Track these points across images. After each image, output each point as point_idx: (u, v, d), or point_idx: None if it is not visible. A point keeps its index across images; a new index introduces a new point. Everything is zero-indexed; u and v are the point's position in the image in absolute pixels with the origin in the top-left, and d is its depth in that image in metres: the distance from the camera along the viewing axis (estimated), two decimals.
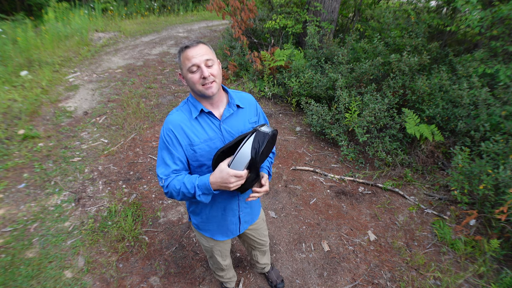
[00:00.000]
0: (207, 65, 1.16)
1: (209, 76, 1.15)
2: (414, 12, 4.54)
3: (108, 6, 10.10)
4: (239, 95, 1.37)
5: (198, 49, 1.15)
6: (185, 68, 1.17)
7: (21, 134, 3.62)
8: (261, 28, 5.67)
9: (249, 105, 1.37)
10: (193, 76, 1.16)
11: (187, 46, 1.16)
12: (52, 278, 2.13)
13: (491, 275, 2.22)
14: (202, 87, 1.17)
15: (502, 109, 2.79)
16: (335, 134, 3.48)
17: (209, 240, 1.59)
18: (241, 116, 1.33)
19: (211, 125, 1.27)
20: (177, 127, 1.24)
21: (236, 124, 1.31)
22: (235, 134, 1.30)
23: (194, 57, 1.14)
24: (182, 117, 1.25)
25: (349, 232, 2.58)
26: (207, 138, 1.26)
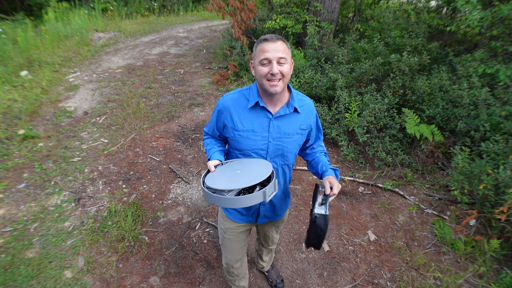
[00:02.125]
0: (279, 62, 1.16)
1: (277, 73, 1.15)
2: (414, 12, 4.54)
3: (108, 6, 10.10)
4: (301, 98, 1.35)
5: (275, 45, 1.15)
6: (257, 59, 1.18)
7: (21, 134, 3.62)
8: (261, 28, 5.67)
9: (307, 112, 1.35)
10: (263, 69, 1.17)
11: (266, 39, 1.16)
12: (52, 278, 2.13)
13: (491, 275, 2.22)
14: (268, 82, 1.18)
15: (502, 109, 2.79)
16: (335, 134, 3.48)
17: (225, 219, 1.57)
18: (295, 119, 1.32)
19: (262, 118, 1.28)
20: (226, 109, 1.31)
21: (286, 126, 1.30)
22: (281, 133, 1.30)
23: (269, 52, 1.15)
24: (237, 101, 1.30)
25: (349, 232, 2.58)
26: (251, 129, 1.28)
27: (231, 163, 1.28)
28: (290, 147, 1.34)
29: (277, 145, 1.31)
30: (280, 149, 1.32)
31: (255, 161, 1.26)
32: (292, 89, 1.33)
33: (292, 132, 1.32)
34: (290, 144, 1.33)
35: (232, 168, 1.22)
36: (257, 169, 1.16)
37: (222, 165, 1.29)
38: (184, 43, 7.57)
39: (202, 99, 4.67)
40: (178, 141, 3.70)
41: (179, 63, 6.19)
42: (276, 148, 1.32)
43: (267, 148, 1.31)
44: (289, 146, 1.33)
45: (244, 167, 1.20)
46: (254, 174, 1.11)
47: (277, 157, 1.35)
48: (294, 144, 1.34)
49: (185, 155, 3.46)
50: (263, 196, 1.07)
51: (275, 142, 1.30)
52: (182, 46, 7.32)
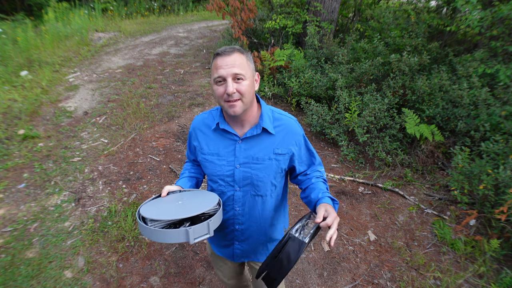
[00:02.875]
0: (235, 79, 1.01)
1: (233, 93, 1.00)
2: (414, 12, 4.54)
3: (108, 6, 10.10)
4: (278, 118, 1.15)
5: (229, 59, 1.00)
6: (212, 77, 1.04)
7: (21, 134, 3.62)
8: (261, 28, 5.67)
9: (285, 134, 1.14)
10: (218, 88, 1.02)
11: (219, 53, 1.02)
12: (52, 278, 2.13)
13: (491, 275, 2.22)
14: (225, 103, 1.03)
15: (502, 109, 2.79)
16: (335, 134, 3.48)
17: (209, 247, 1.45)
18: (267, 142, 1.13)
19: (227, 141, 1.14)
20: (195, 130, 1.22)
21: (256, 149, 1.12)
22: (249, 158, 1.12)
23: (222, 68, 1.00)
24: (204, 122, 1.19)
25: (349, 232, 2.58)
26: (216, 152, 1.16)
27: (185, 193, 1.13)
28: (261, 175, 1.13)
29: (245, 172, 1.13)
30: (249, 177, 1.14)
31: (206, 194, 1.10)
32: (263, 106, 1.15)
33: (263, 157, 1.12)
34: (260, 171, 1.13)
35: (181, 198, 1.08)
36: (199, 203, 1.02)
37: (177, 193, 1.14)
38: (184, 43, 7.57)
39: (202, 99, 4.67)
40: (178, 141, 3.70)
41: (179, 63, 6.19)
42: (245, 176, 1.14)
43: (234, 175, 1.14)
44: (259, 173, 1.13)
45: (190, 199, 1.06)
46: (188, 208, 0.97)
47: (247, 186, 1.16)
48: (266, 172, 1.13)
49: (185, 155, 3.46)
50: (185, 235, 0.89)
51: (242, 168, 1.13)
52: (182, 46, 7.32)
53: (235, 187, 1.16)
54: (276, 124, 1.14)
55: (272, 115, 1.15)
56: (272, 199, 1.22)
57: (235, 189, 1.16)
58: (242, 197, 1.17)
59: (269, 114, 1.14)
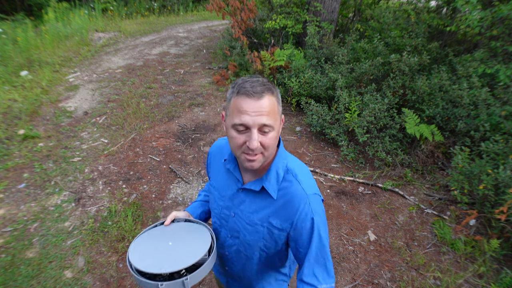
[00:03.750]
0: (262, 131, 0.80)
1: (257, 148, 0.80)
2: (414, 12, 4.54)
3: (108, 6, 10.10)
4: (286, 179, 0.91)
5: (258, 104, 0.78)
6: (230, 120, 0.82)
7: (21, 134, 3.62)
8: (261, 28, 5.67)
9: (287, 202, 0.90)
10: (237, 136, 0.82)
11: (246, 93, 0.78)
12: (52, 278, 2.13)
13: (491, 275, 2.22)
14: (243, 154, 0.84)
15: (502, 109, 2.80)
16: (335, 134, 3.48)
17: None
18: (263, 204, 0.93)
19: (231, 182, 0.99)
20: (210, 154, 1.11)
21: (251, 208, 0.95)
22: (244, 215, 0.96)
23: (248, 114, 0.78)
24: (220, 150, 1.06)
25: (349, 232, 2.58)
26: (218, 188, 1.03)
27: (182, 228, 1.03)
28: (248, 238, 0.96)
29: (236, 225, 0.98)
30: (238, 232, 0.99)
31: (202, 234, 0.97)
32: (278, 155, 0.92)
33: (255, 221, 0.94)
34: (249, 234, 0.96)
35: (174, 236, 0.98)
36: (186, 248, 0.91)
37: (175, 223, 1.05)
38: (184, 43, 7.57)
39: (202, 99, 4.67)
40: (178, 141, 3.70)
41: (179, 63, 6.19)
42: (235, 228, 0.99)
43: (227, 221, 1.01)
44: (247, 235, 0.96)
45: (181, 240, 0.96)
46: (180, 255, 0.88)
47: (236, 239, 1.01)
48: (255, 237, 0.96)
49: (185, 155, 3.46)
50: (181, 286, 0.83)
51: (236, 219, 0.98)
52: (182, 46, 7.32)
53: (227, 232, 1.03)
54: (282, 187, 0.91)
55: (284, 175, 0.91)
56: (262, 263, 1.03)
57: (227, 234, 1.03)
58: (231, 245, 1.03)
59: (279, 172, 0.91)
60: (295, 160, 0.98)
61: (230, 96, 0.84)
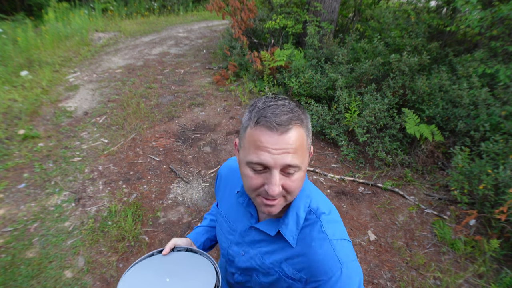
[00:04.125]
0: (285, 172, 0.64)
1: (278, 193, 0.65)
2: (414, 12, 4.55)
3: (108, 6, 10.10)
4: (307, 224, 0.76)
5: (283, 140, 0.61)
6: (246, 155, 0.66)
7: (21, 134, 3.62)
8: (261, 28, 5.67)
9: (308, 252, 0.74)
10: (253, 177, 0.66)
11: (269, 125, 0.61)
12: (52, 278, 2.13)
13: (491, 275, 2.22)
14: (259, 198, 0.69)
15: (502, 109, 2.80)
16: (335, 134, 3.48)
17: None
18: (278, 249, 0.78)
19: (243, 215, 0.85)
20: (220, 177, 0.97)
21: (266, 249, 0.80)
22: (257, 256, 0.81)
23: (269, 152, 0.61)
24: (232, 174, 0.91)
25: (349, 232, 2.58)
26: (227, 219, 0.89)
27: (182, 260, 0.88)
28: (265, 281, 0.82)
29: (250, 264, 0.83)
30: (249, 274, 0.85)
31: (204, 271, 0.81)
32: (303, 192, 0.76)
33: (268, 265, 0.79)
34: (265, 277, 0.81)
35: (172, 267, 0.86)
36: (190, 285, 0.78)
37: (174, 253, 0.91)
38: (184, 43, 7.57)
39: (202, 99, 4.67)
40: (178, 141, 3.70)
41: (179, 63, 6.19)
42: (247, 267, 0.84)
43: (235, 258, 0.86)
44: (262, 279, 0.82)
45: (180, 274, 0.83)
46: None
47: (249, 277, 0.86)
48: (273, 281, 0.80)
49: (185, 155, 3.46)
50: None
51: (246, 258, 0.83)
52: (182, 46, 7.32)
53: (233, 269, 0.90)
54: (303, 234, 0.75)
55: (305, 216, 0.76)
56: None
57: (236, 271, 0.89)
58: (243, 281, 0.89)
59: (299, 212, 0.75)
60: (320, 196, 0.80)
61: (246, 124, 0.66)
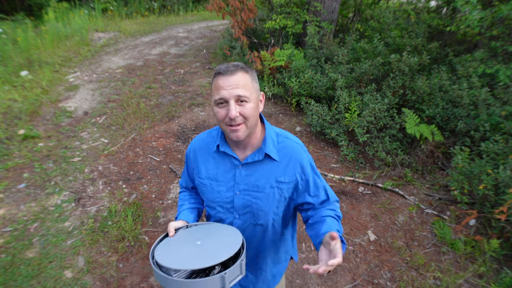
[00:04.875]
0: (238, 101, 0.92)
1: (236, 117, 0.91)
2: (414, 12, 4.55)
3: (108, 6, 10.10)
4: (280, 142, 1.06)
5: (232, 79, 0.91)
6: (213, 99, 0.96)
7: (21, 134, 3.62)
8: (261, 28, 5.68)
9: (288, 160, 1.04)
10: (219, 111, 0.94)
11: (220, 72, 0.93)
12: (52, 278, 2.13)
13: (491, 275, 2.22)
14: (227, 127, 0.95)
15: (502, 109, 2.80)
16: (335, 134, 3.48)
17: None
18: (269, 169, 1.04)
19: (227, 165, 1.06)
20: (193, 151, 1.14)
21: (256, 176, 1.04)
22: (250, 186, 1.05)
23: (224, 89, 0.91)
24: (203, 143, 1.12)
25: (349, 232, 2.58)
26: (214, 177, 1.08)
27: (196, 228, 1.03)
28: (261, 204, 1.05)
29: (245, 200, 1.06)
30: (249, 206, 1.06)
31: (224, 228, 1.01)
32: (268, 128, 1.06)
33: (264, 185, 1.04)
34: (261, 200, 1.05)
35: (195, 235, 0.97)
36: (222, 242, 0.91)
37: (186, 229, 1.03)
38: (184, 43, 7.57)
39: (202, 99, 4.67)
40: (178, 141, 3.70)
41: (179, 63, 6.19)
42: (244, 203, 1.06)
43: (233, 201, 1.07)
44: (259, 203, 1.05)
45: (208, 237, 0.95)
46: (216, 250, 0.87)
47: (246, 215, 1.09)
48: (267, 201, 1.05)
49: (184, 156, 3.46)
50: (220, 282, 0.81)
51: (242, 195, 1.06)
52: (182, 46, 7.32)
53: (234, 214, 1.09)
54: (280, 148, 1.05)
55: (277, 139, 1.06)
56: (275, 229, 1.13)
57: (234, 216, 1.09)
58: (241, 225, 1.09)
59: (273, 138, 1.05)
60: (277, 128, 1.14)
61: (212, 81, 0.97)
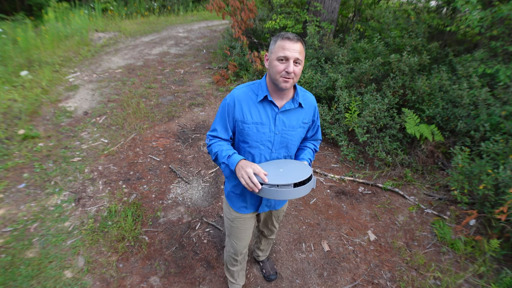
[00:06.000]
0: (295, 62, 1.24)
1: (292, 72, 1.23)
2: (414, 12, 4.55)
3: (108, 6, 10.10)
4: (304, 94, 1.44)
5: (295, 45, 1.22)
6: (275, 55, 1.24)
7: (21, 134, 3.62)
8: (261, 28, 5.67)
9: (309, 107, 1.45)
10: (279, 65, 1.24)
11: (289, 38, 1.22)
12: (52, 278, 2.13)
13: (491, 275, 2.22)
14: (281, 78, 1.25)
15: (502, 109, 2.80)
16: (335, 134, 3.48)
17: (232, 211, 1.65)
18: (298, 114, 1.42)
19: (269, 112, 1.36)
20: (238, 102, 1.36)
21: (291, 119, 1.40)
22: (286, 127, 1.39)
23: (289, 50, 1.21)
24: (247, 95, 1.37)
25: (349, 232, 2.58)
26: (259, 121, 1.36)
27: (267, 164, 1.37)
28: (293, 139, 1.44)
29: (282, 137, 1.40)
30: (284, 141, 1.41)
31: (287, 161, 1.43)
32: (297, 85, 1.41)
33: (296, 126, 1.42)
34: (293, 136, 1.43)
35: (273, 168, 1.33)
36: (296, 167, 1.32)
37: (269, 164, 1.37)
38: (184, 43, 7.57)
39: (202, 99, 4.67)
40: (178, 141, 3.70)
41: (179, 63, 6.19)
42: (281, 140, 1.41)
43: (273, 140, 1.40)
44: (293, 138, 1.43)
45: (283, 167, 1.34)
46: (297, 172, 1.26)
47: (282, 149, 1.44)
48: (297, 137, 1.45)
49: (185, 155, 3.46)
50: (313, 185, 1.26)
51: (280, 134, 1.39)
52: (182, 46, 7.32)
53: (272, 149, 1.42)
54: (303, 99, 1.42)
55: (301, 92, 1.42)
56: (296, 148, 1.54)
57: (272, 151, 1.42)
58: (276, 158, 1.45)
59: (300, 92, 1.41)
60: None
61: (275, 40, 1.27)
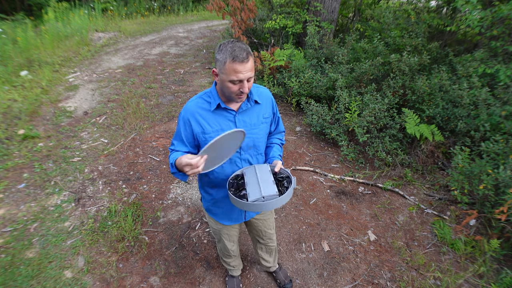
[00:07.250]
0: (248, 81, 1.22)
1: (247, 92, 1.23)
2: (414, 12, 4.54)
3: (108, 6, 10.10)
4: (258, 90, 1.43)
5: (247, 66, 1.18)
6: (227, 77, 1.20)
7: (21, 134, 3.62)
8: (261, 28, 5.67)
9: (265, 101, 1.45)
10: (233, 86, 1.22)
11: (239, 59, 1.16)
12: (52, 278, 2.13)
13: (491, 275, 2.22)
14: (236, 96, 1.26)
15: (502, 109, 2.79)
16: (335, 134, 3.48)
17: (217, 223, 1.68)
18: (258, 110, 1.42)
19: (227, 116, 1.35)
20: (192, 115, 1.35)
21: (251, 118, 1.40)
22: (248, 126, 1.39)
23: (242, 73, 1.18)
24: (200, 106, 1.35)
25: (349, 232, 2.58)
26: (219, 128, 1.34)
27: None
28: (259, 137, 1.44)
29: (248, 138, 1.39)
30: (251, 141, 1.41)
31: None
32: None
33: (257, 123, 1.42)
34: (258, 134, 1.43)
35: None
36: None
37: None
38: (184, 43, 7.57)
39: None
40: None
41: (179, 63, 6.19)
42: (247, 141, 1.40)
43: None
44: (258, 137, 1.43)
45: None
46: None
47: (250, 150, 1.44)
48: (262, 134, 1.45)
49: None
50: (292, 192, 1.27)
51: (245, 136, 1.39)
52: (182, 46, 7.32)
53: (241, 152, 1.41)
54: (258, 94, 1.41)
55: (254, 90, 1.40)
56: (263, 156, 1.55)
57: (241, 154, 1.42)
58: (247, 160, 1.45)
59: (253, 89, 1.40)
60: None
61: (224, 59, 1.18)
